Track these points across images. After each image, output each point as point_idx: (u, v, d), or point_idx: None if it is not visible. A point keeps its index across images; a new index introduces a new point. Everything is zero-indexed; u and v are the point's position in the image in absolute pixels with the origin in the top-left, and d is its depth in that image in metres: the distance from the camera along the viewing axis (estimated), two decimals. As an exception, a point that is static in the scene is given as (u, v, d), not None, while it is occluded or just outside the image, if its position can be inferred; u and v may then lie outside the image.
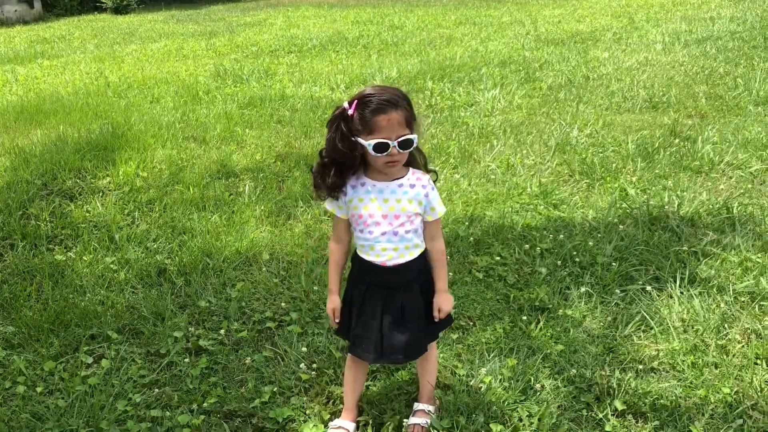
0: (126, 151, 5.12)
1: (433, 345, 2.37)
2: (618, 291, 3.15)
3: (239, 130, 5.80)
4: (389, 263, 2.11)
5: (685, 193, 4.13)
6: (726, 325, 2.85)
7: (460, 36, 10.95)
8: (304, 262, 3.51)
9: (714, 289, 3.11)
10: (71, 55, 10.90)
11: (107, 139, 5.42)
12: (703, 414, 2.36)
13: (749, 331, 2.81)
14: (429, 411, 2.37)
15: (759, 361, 2.63)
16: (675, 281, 3.16)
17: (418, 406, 2.40)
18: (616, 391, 2.49)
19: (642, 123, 5.70)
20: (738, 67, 7.45)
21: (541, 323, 2.92)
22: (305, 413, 2.45)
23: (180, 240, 3.80)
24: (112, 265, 3.55)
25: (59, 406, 2.51)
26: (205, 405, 2.50)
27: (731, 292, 3.07)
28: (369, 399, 2.48)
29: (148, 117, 6.23)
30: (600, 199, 4.19)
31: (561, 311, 3.02)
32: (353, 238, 2.19)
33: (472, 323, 2.97)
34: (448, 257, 3.43)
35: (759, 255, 3.39)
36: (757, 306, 2.98)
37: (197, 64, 9.50)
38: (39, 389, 2.61)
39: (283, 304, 3.15)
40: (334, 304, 2.23)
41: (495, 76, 7.63)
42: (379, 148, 1.96)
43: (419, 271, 2.16)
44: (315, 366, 2.69)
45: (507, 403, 2.42)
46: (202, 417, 2.43)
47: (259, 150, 5.26)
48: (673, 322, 2.89)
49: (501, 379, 2.55)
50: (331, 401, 2.51)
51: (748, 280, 3.17)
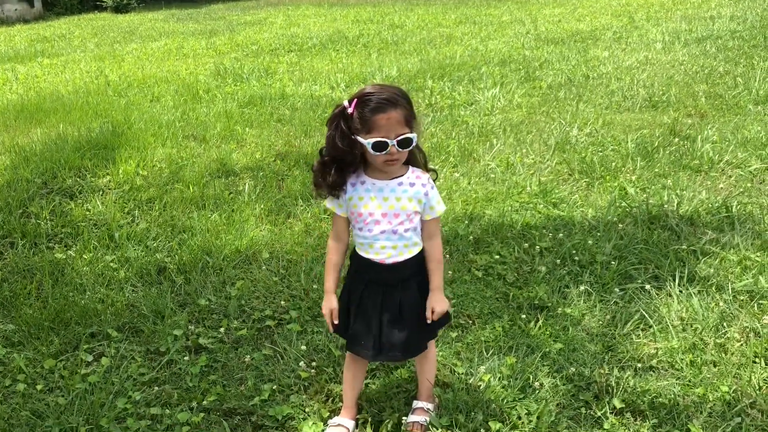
0: (126, 150, 5.12)
1: (432, 343, 2.37)
2: (617, 289, 3.16)
3: (239, 128, 5.80)
4: (388, 261, 2.12)
5: (685, 192, 4.14)
6: (725, 324, 2.85)
7: (460, 35, 10.95)
8: (303, 260, 3.52)
9: (713, 288, 3.11)
10: (71, 54, 10.91)
11: (107, 138, 5.43)
12: (702, 412, 2.37)
13: (748, 330, 2.81)
14: (428, 409, 2.38)
15: (757, 360, 2.64)
16: (674, 280, 3.17)
17: (417, 404, 2.40)
18: (614, 390, 2.49)
19: (642, 122, 5.70)
20: (738, 67, 7.45)
21: (540, 322, 2.92)
22: (304, 411, 2.46)
23: (180, 238, 3.81)
24: (112, 264, 3.55)
25: (59, 403, 2.52)
26: (205, 403, 2.51)
27: (730, 290, 3.07)
28: (368, 397, 2.49)
29: (148, 116, 6.24)
30: (599, 198, 4.19)
31: (560, 310, 3.02)
32: (352, 236, 2.19)
33: (471, 321, 2.98)
34: (447, 256, 3.46)
35: (758, 254, 3.39)
36: (756, 305, 2.98)
37: (197, 62, 9.50)
38: (39, 387, 2.61)
39: (283, 302, 3.16)
40: (331, 304, 2.20)
41: (495, 75, 7.63)
42: (378, 146, 1.97)
43: (418, 269, 2.17)
44: (314, 364, 2.70)
45: (506, 401, 2.42)
46: (201, 415, 2.44)
47: (259, 149, 5.27)
48: (672, 320, 2.89)
49: (500, 377, 2.55)
50: (331, 399, 2.51)
51: (747, 278, 3.17)
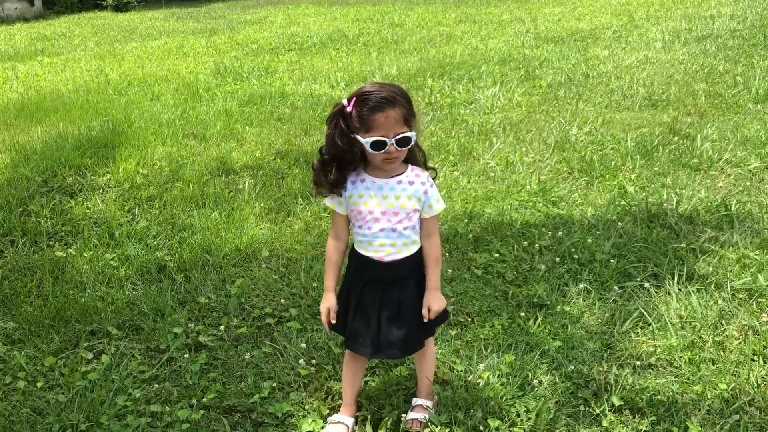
0: (126, 149, 5.13)
1: (431, 341, 2.38)
2: (616, 288, 3.16)
3: (239, 127, 5.81)
4: (387, 259, 2.12)
5: (684, 191, 4.14)
6: (723, 322, 2.86)
7: (460, 34, 10.96)
8: (303, 258, 3.52)
9: (712, 286, 3.12)
10: (72, 53, 10.91)
11: (107, 137, 5.44)
12: (700, 409, 2.37)
13: (746, 328, 2.82)
14: (427, 406, 2.39)
15: (756, 358, 2.65)
16: (673, 278, 3.17)
17: (416, 401, 2.41)
18: (613, 387, 2.50)
19: (641, 121, 5.71)
20: (738, 65, 7.46)
21: (540, 320, 2.93)
22: (304, 408, 2.47)
23: (180, 237, 3.82)
24: (112, 262, 3.56)
25: (59, 401, 2.52)
26: (205, 400, 2.52)
27: (729, 288, 3.08)
28: (368, 394, 2.50)
29: (148, 114, 6.24)
30: (599, 197, 4.20)
31: (559, 308, 3.03)
32: (352, 234, 2.20)
33: (470, 319, 2.99)
34: (447, 254, 3.46)
35: (757, 252, 3.40)
36: (755, 303, 2.99)
37: (197, 61, 9.50)
38: (39, 384, 2.62)
39: (283, 300, 3.16)
40: (329, 303, 2.20)
41: (495, 73, 7.63)
42: (377, 145, 1.97)
43: (417, 267, 2.17)
44: (314, 362, 2.71)
45: (505, 399, 2.43)
46: (201, 412, 2.45)
47: (259, 147, 5.27)
48: (671, 318, 2.90)
49: (499, 375, 2.56)
50: (330, 396, 2.52)
51: (745, 277, 3.18)
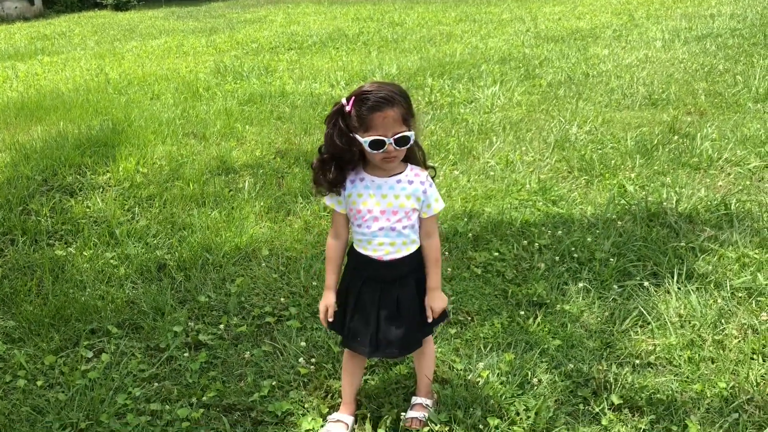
0: (126, 148, 5.13)
1: (430, 339, 2.38)
2: (616, 286, 3.17)
3: (239, 126, 5.81)
4: (386, 258, 2.12)
5: (684, 190, 4.14)
6: (723, 321, 2.86)
7: (460, 33, 10.95)
8: (303, 257, 3.53)
9: (711, 285, 3.12)
10: (71, 52, 10.91)
11: (107, 136, 5.44)
12: (699, 408, 2.38)
13: (746, 327, 2.82)
14: (427, 405, 2.39)
15: (755, 356, 2.65)
16: (672, 277, 3.17)
17: (416, 399, 2.41)
18: (612, 386, 2.50)
19: (641, 120, 5.71)
20: (738, 65, 7.45)
21: (539, 318, 2.93)
22: (304, 407, 2.47)
23: (180, 235, 3.82)
24: (112, 261, 3.56)
25: (59, 399, 2.53)
26: (205, 399, 2.52)
27: (728, 287, 3.08)
28: (367, 393, 2.50)
29: (148, 113, 6.24)
30: (598, 196, 4.20)
31: (559, 306, 3.03)
32: (351, 233, 2.20)
33: (470, 318, 2.99)
34: (446, 253, 3.47)
35: (756, 251, 3.40)
36: (754, 302, 2.99)
37: (197, 60, 9.50)
38: (39, 383, 2.62)
39: (282, 299, 3.17)
40: (328, 301, 2.21)
41: (495, 73, 7.63)
42: (375, 145, 1.98)
43: (415, 266, 2.17)
44: (314, 360, 2.71)
45: (504, 397, 2.43)
46: (201, 410, 2.45)
47: (259, 146, 5.27)
48: (671, 317, 2.90)
49: (498, 374, 2.56)
50: (330, 395, 2.52)
51: (745, 275, 3.18)
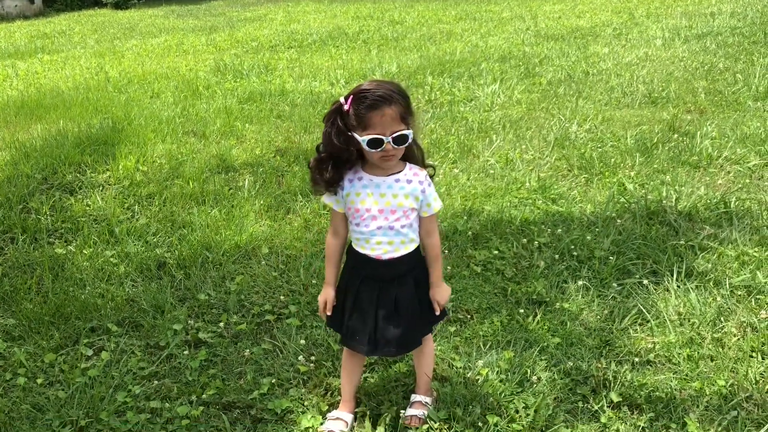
0: (126, 146, 5.13)
1: (430, 337, 2.39)
2: (615, 284, 3.17)
3: (239, 124, 5.81)
4: (384, 257, 2.13)
5: (683, 188, 4.14)
6: (722, 319, 2.86)
7: (460, 31, 10.94)
8: (302, 255, 3.53)
9: (711, 283, 3.12)
10: (71, 50, 10.90)
11: (107, 134, 5.43)
12: (698, 406, 2.38)
13: (745, 325, 2.82)
14: (426, 402, 2.39)
15: (754, 354, 2.65)
16: (672, 275, 3.18)
17: (415, 397, 2.42)
18: (612, 384, 2.50)
19: (641, 118, 5.71)
20: (738, 63, 7.45)
21: (539, 316, 2.94)
22: (303, 404, 2.47)
23: (180, 234, 3.82)
24: (112, 259, 3.56)
25: (59, 397, 2.53)
26: (204, 396, 2.53)
27: (728, 285, 3.08)
28: (367, 390, 2.50)
29: (148, 112, 6.24)
30: (598, 194, 4.20)
31: (558, 304, 3.04)
32: (350, 231, 2.21)
33: (469, 316, 2.99)
34: (446, 251, 3.47)
35: (756, 249, 3.40)
36: (753, 300, 2.99)
37: (197, 59, 9.50)
38: (39, 381, 2.63)
39: (282, 297, 3.17)
40: (327, 295, 2.24)
41: (495, 71, 7.63)
42: (374, 143, 1.98)
43: (414, 265, 2.18)
44: (313, 358, 2.71)
45: (503, 395, 2.44)
46: (201, 408, 2.45)
47: (259, 145, 5.27)
48: (670, 315, 2.90)
49: (498, 371, 2.56)
50: (329, 393, 2.53)
51: (744, 273, 3.18)
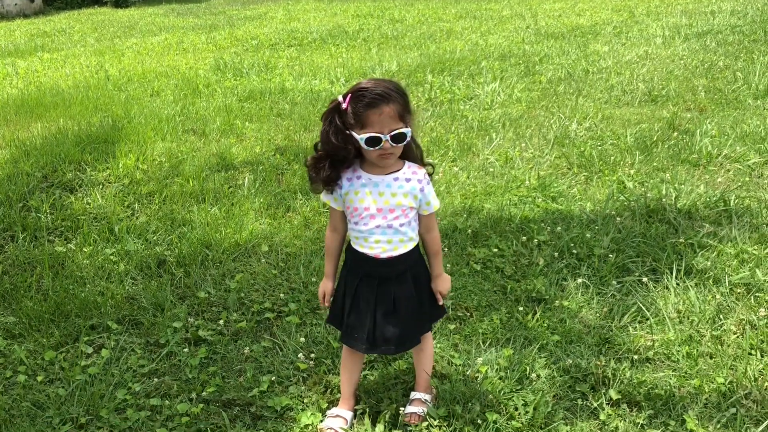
0: (126, 144, 5.13)
1: (429, 335, 2.39)
2: (614, 282, 3.17)
3: (239, 123, 5.81)
4: (382, 255, 2.13)
5: (683, 186, 4.15)
6: (721, 316, 2.87)
7: (460, 29, 10.94)
8: (302, 253, 3.53)
9: (710, 281, 3.12)
10: (71, 49, 10.90)
11: (107, 132, 5.44)
12: (697, 403, 2.39)
13: (744, 322, 2.83)
14: (425, 400, 2.40)
15: (753, 352, 2.66)
16: (671, 273, 3.18)
17: (414, 395, 2.42)
18: (611, 381, 2.51)
19: (641, 116, 5.71)
20: (738, 61, 7.45)
21: (538, 314, 2.94)
22: (303, 402, 2.48)
23: (179, 232, 3.82)
24: (111, 257, 3.57)
25: (59, 394, 2.54)
26: (204, 394, 2.53)
27: (727, 283, 3.09)
28: (366, 388, 2.51)
29: (148, 110, 6.24)
30: (598, 192, 4.20)
31: (557, 302, 3.04)
32: (348, 230, 2.21)
33: (469, 314, 3.00)
34: (446, 249, 3.47)
35: (755, 247, 3.40)
36: (753, 297, 3.00)
37: (197, 57, 9.50)
38: (39, 378, 2.63)
39: (282, 295, 3.17)
40: (326, 286, 2.28)
41: (495, 69, 7.63)
42: (372, 141, 1.98)
43: (412, 264, 2.18)
44: (313, 356, 2.72)
45: (503, 393, 2.44)
46: (201, 405, 2.46)
47: (259, 143, 5.27)
48: (669, 313, 2.91)
49: (497, 369, 2.57)
50: (329, 390, 2.53)
51: (743, 271, 3.18)
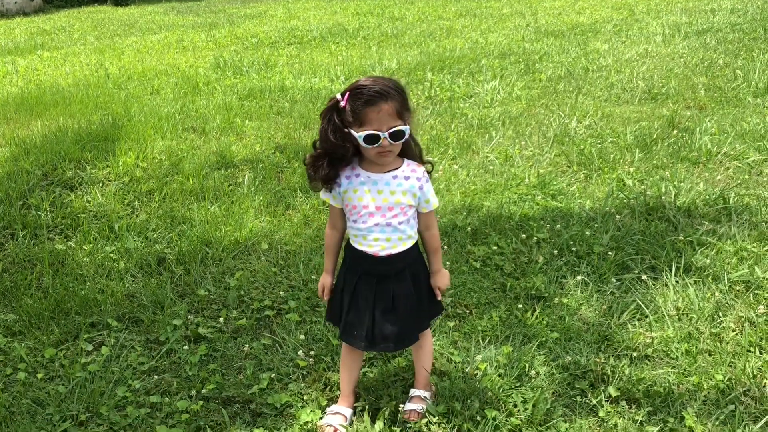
0: (126, 142, 5.13)
1: (428, 332, 2.40)
2: (614, 280, 3.18)
3: (239, 121, 5.81)
4: (381, 253, 2.13)
5: (682, 184, 4.15)
6: (720, 314, 2.87)
7: (460, 27, 10.94)
8: (302, 251, 3.54)
9: (709, 278, 3.13)
10: (71, 47, 10.90)
11: (107, 130, 5.44)
12: (696, 400, 2.39)
13: (743, 320, 2.83)
14: (425, 397, 2.40)
15: (752, 349, 2.66)
16: (670, 270, 3.18)
17: (414, 392, 2.42)
18: (610, 378, 2.51)
19: (641, 114, 5.71)
20: (738, 59, 7.44)
21: (537, 311, 2.94)
22: (303, 399, 2.48)
23: (179, 230, 3.83)
24: (111, 255, 3.57)
25: (59, 392, 2.54)
26: (204, 391, 2.54)
27: (726, 281, 3.09)
28: (366, 385, 2.51)
29: (147, 108, 6.24)
30: (597, 190, 4.20)
31: (557, 300, 3.04)
32: (347, 227, 2.21)
33: (468, 311, 3.00)
34: (445, 247, 3.48)
35: (754, 244, 3.40)
36: (752, 295, 3.00)
37: (197, 55, 9.50)
38: (40, 376, 2.64)
39: (282, 292, 3.18)
40: (325, 281, 2.30)
41: (495, 67, 7.63)
42: (370, 139, 1.98)
43: (411, 262, 2.19)
44: (312, 353, 2.72)
45: (502, 390, 2.45)
46: (200, 403, 2.46)
47: (259, 141, 5.28)
48: (668, 310, 2.91)
49: (496, 366, 2.57)
50: (329, 387, 2.54)
51: (743, 269, 3.19)
